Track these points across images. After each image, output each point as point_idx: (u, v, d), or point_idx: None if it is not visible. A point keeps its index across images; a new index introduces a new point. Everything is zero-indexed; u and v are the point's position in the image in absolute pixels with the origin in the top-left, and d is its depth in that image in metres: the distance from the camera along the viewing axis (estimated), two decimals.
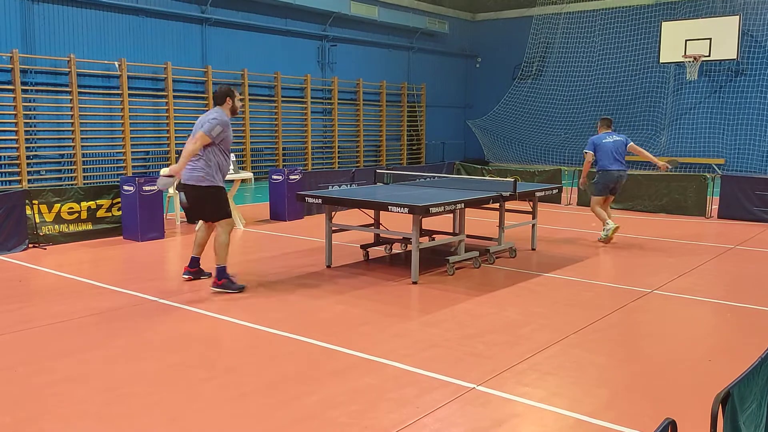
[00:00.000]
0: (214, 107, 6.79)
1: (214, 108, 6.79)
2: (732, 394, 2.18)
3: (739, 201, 11.61)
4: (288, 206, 11.43)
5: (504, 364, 4.66)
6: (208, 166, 6.51)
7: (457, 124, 28.00)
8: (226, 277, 6.62)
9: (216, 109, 6.72)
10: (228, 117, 6.71)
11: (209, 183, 6.54)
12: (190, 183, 6.54)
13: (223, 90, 6.82)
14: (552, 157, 25.07)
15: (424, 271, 7.42)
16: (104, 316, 5.81)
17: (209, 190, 6.56)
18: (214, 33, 18.60)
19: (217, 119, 6.52)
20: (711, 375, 4.52)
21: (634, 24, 23.88)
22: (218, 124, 6.50)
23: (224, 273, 6.63)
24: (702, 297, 6.58)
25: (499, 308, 6.08)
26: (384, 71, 24.02)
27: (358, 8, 22.12)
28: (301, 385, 4.27)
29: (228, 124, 6.66)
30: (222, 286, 6.58)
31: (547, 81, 25.94)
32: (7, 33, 14.56)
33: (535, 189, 8.74)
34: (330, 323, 5.65)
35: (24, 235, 8.63)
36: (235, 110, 6.87)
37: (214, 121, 6.50)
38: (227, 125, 6.64)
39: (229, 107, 6.78)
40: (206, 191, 6.55)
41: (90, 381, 4.36)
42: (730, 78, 22.42)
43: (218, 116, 6.56)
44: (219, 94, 6.81)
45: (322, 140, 21.99)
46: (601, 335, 5.35)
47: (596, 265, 8.00)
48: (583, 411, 3.92)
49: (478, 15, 28.22)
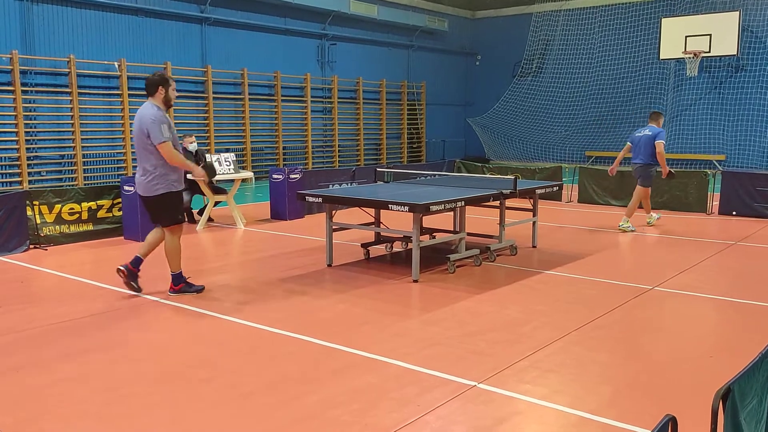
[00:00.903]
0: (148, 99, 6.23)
1: (146, 102, 6.22)
2: (732, 390, 2.18)
3: (739, 197, 11.60)
4: (289, 205, 11.43)
5: (505, 361, 4.65)
6: (161, 174, 6.12)
7: (458, 121, 27.99)
8: (183, 281, 6.42)
9: (149, 105, 6.16)
10: (162, 109, 6.18)
11: (165, 190, 6.17)
12: (146, 195, 6.21)
13: (155, 78, 6.22)
14: (552, 155, 25.06)
15: (425, 269, 7.42)
16: (105, 316, 5.81)
17: (163, 196, 6.20)
18: (213, 33, 18.59)
19: (156, 120, 6.00)
20: (712, 371, 4.51)
21: (633, 20, 23.86)
22: (160, 124, 5.99)
23: (180, 278, 6.40)
24: (703, 293, 6.57)
25: (500, 306, 6.08)
26: (384, 69, 24.01)
27: (357, 7, 22.10)
28: (302, 385, 4.27)
29: (166, 117, 6.15)
30: (180, 290, 6.38)
31: (547, 78, 25.92)
32: (6, 34, 14.56)
33: (536, 186, 8.74)
34: (331, 322, 5.64)
35: (25, 235, 8.63)
36: (169, 101, 6.28)
37: (155, 124, 5.98)
38: (166, 118, 6.13)
39: (162, 98, 6.21)
40: (160, 198, 6.20)
41: (90, 381, 4.36)
42: (730, 74, 22.39)
43: (155, 115, 6.03)
44: (150, 83, 6.20)
45: (322, 139, 21.99)
46: (603, 332, 5.34)
47: (597, 263, 7.99)
48: (585, 408, 3.91)
49: (478, 12, 28.19)
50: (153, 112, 6.06)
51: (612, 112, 24.63)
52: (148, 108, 6.13)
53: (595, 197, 13.48)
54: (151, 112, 6.06)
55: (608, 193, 13.33)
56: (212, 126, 18.38)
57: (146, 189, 6.20)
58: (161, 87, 6.17)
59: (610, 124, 24.63)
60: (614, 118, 24.55)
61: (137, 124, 6.10)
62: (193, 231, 10.28)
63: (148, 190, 6.19)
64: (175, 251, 6.36)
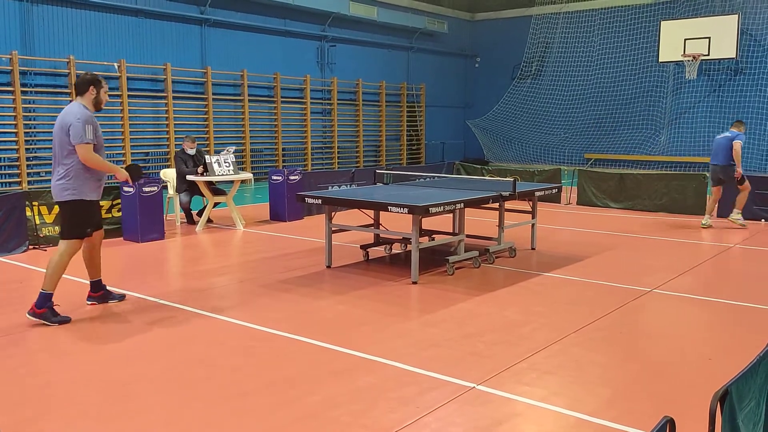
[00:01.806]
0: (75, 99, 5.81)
1: (74, 101, 5.80)
2: (730, 392, 2.19)
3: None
4: (288, 207, 11.44)
5: (504, 363, 4.66)
6: (75, 178, 5.61)
7: (457, 124, 28.01)
8: (48, 307, 5.60)
9: (76, 104, 5.71)
10: (91, 111, 5.74)
11: (75, 197, 5.64)
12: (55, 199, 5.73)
13: (86, 78, 5.80)
14: (552, 157, 25.09)
15: (424, 271, 7.43)
16: (105, 317, 5.81)
17: (69, 204, 5.66)
18: (213, 34, 18.61)
19: (81, 119, 5.55)
20: (711, 373, 4.53)
21: (633, 23, 23.89)
22: (85, 123, 5.55)
23: (47, 301, 5.60)
24: (702, 296, 6.58)
25: (498, 308, 6.09)
26: (383, 71, 24.03)
27: (357, 8, 22.13)
28: (301, 385, 4.28)
29: (93, 119, 5.69)
30: (40, 315, 5.55)
31: (547, 80, 25.95)
32: (6, 35, 14.57)
33: (535, 188, 8.75)
34: (330, 323, 5.65)
35: (24, 236, 8.63)
36: (100, 104, 5.84)
37: (79, 122, 5.53)
38: (93, 120, 5.67)
39: (92, 99, 5.78)
40: (66, 205, 5.68)
41: (90, 381, 4.37)
42: (729, 77, 22.43)
43: (81, 114, 5.59)
44: (82, 82, 5.78)
45: (321, 141, 22.00)
46: (601, 334, 5.35)
47: (596, 265, 8.00)
48: (584, 410, 3.92)
49: (477, 15, 28.23)
50: (80, 111, 5.64)
51: (611, 114, 24.66)
52: (75, 107, 5.69)
53: (594, 200, 13.50)
54: (77, 111, 5.63)
55: (607, 195, 13.36)
56: (212, 127, 18.38)
57: (56, 192, 5.71)
58: (93, 87, 5.78)
59: (609, 127, 24.67)
60: (613, 121, 24.59)
61: (58, 122, 5.64)
62: (193, 232, 10.28)
63: (58, 194, 5.69)
64: (58, 268, 5.66)
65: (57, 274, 5.66)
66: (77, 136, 5.51)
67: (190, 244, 9.47)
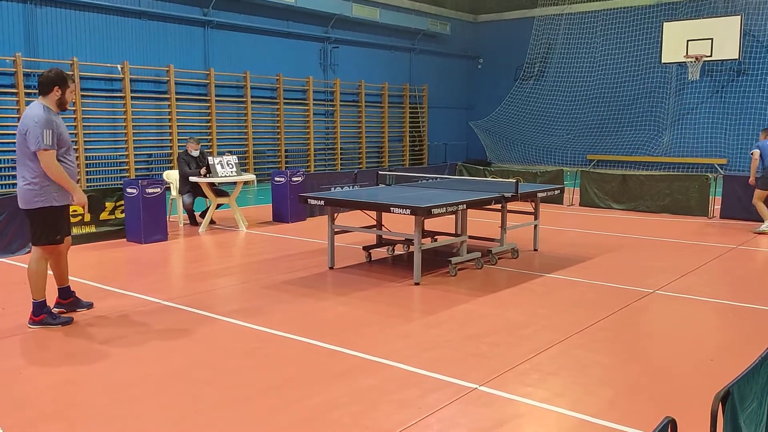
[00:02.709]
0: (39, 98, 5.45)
1: (35, 101, 5.43)
2: (732, 393, 2.19)
3: (741, 201, 11.59)
4: (290, 208, 11.45)
5: (506, 364, 4.67)
6: (42, 183, 5.34)
7: (460, 125, 28.02)
8: (45, 312, 5.57)
9: (36, 105, 5.36)
10: (54, 111, 5.41)
11: (45, 204, 5.38)
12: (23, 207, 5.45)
13: (51, 76, 5.41)
14: (554, 158, 25.08)
15: (427, 272, 7.43)
16: (107, 318, 5.83)
17: (41, 211, 5.41)
18: (216, 35, 18.64)
19: (39, 123, 5.20)
20: (713, 374, 4.52)
21: (635, 24, 23.88)
22: (42, 128, 5.19)
23: (42, 307, 5.54)
24: (704, 297, 6.58)
25: (501, 309, 6.09)
26: (386, 73, 24.05)
27: (359, 10, 22.15)
28: (303, 387, 4.29)
29: (53, 122, 5.31)
30: (40, 322, 5.51)
31: (549, 82, 25.95)
32: (10, 37, 14.62)
33: (537, 190, 8.75)
34: (333, 324, 5.66)
35: (27, 238, 8.64)
36: (64, 104, 5.50)
37: (37, 127, 5.18)
38: (53, 123, 5.30)
39: (56, 99, 5.44)
40: (36, 213, 5.41)
41: (94, 383, 4.38)
42: (732, 78, 22.40)
43: (39, 117, 5.24)
44: (45, 81, 5.39)
45: (324, 142, 22.02)
46: (604, 335, 5.35)
47: (598, 266, 8.00)
48: (586, 411, 3.93)
49: (480, 16, 28.23)
50: (38, 113, 5.25)
51: (614, 115, 24.64)
52: (35, 108, 5.32)
53: (596, 201, 13.49)
54: (36, 113, 5.25)
55: (610, 196, 13.35)
56: (215, 129, 18.42)
57: (24, 200, 5.40)
58: (58, 87, 5.41)
59: (611, 128, 24.65)
60: (616, 122, 24.57)
61: (19, 125, 5.33)
62: (196, 233, 10.30)
63: (26, 202, 5.39)
64: (38, 276, 5.51)
65: (40, 281, 5.53)
66: (35, 142, 5.20)
67: (192, 245, 9.48)
